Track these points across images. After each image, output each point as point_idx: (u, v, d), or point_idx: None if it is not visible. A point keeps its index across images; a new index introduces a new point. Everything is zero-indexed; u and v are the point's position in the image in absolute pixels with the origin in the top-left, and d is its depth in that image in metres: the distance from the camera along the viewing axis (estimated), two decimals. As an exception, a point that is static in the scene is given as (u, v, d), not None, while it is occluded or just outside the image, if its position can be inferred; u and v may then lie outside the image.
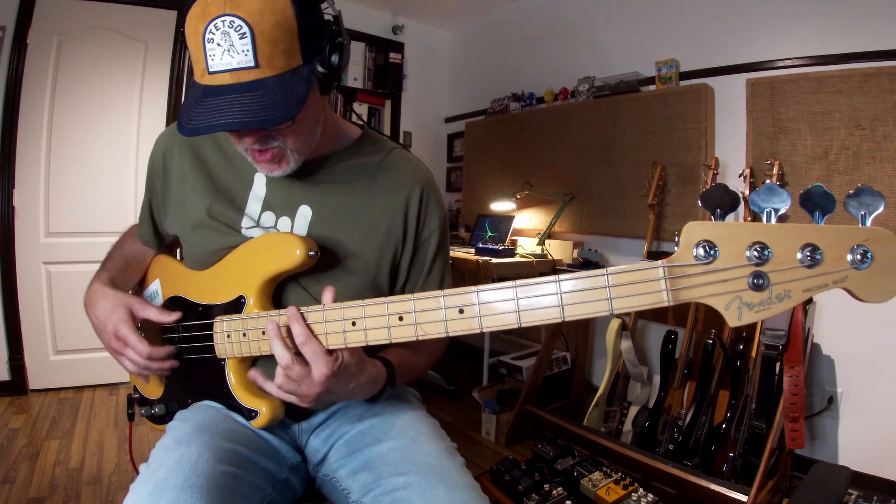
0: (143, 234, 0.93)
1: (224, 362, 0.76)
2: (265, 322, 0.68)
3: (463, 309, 0.55)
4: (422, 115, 3.68)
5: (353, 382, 0.67)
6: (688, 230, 0.47)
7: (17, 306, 2.41)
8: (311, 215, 0.79)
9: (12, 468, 1.79)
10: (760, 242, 0.44)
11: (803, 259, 0.44)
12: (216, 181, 0.81)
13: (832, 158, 1.83)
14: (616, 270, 0.48)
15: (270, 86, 0.61)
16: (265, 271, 0.73)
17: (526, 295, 0.52)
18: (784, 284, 0.44)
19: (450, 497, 0.64)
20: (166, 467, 0.60)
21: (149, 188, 0.88)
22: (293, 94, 0.62)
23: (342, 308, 0.62)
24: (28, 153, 2.39)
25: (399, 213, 0.81)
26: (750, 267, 0.45)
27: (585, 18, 2.78)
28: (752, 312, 0.45)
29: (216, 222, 0.79)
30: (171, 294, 0.86)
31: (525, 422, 2.18)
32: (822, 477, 1.21)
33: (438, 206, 0.86)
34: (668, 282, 0.47)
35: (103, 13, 2.49)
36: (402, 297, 0.59)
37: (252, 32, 0.59)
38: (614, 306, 0.48)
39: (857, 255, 0.43)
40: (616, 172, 2.53)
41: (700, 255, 0.46)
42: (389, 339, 0.60)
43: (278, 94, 0.61)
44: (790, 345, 1.48)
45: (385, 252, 0.81)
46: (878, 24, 1.75)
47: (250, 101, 0.60)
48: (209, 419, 0.72)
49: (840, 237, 0.43)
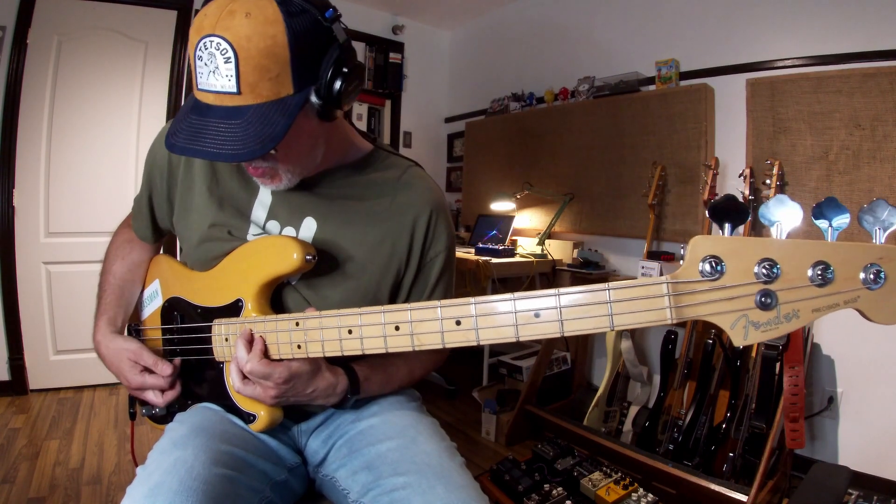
0: (139, 229, 0.91)
1: (223, 365, 0.76)
2: (262, 326, 0.68)
3: (460, 321, 0.54)
4: (422, 115, 3.68)
5: (309, 388, 0.70)
6: (694, 244, 0.45)
7: (17, 306, 2.41)
8: (315, 227, 0.78)
9: (12, 468, 1.79)
10: (770, 259, 0.42)
11: (814, 278, 0.42)
12: (222, 185, 0.80)
13: (832, 158, 1.83)
14: (619, 286, 0.47)
15: (250, 116, 0.59)
16: (262, 275, 0.73)
17: (525, 308, 0.51)
18: (793, 304, 0.42)
19: (449, 497, 0.64)
20: (162, 470, 0.60)
21: (147, 182, 0.86)
22: (271, 127, 0.59)
23: (338, 316, 0.62)
24: (28, 153, 2.39)
25: (405, 233, 0.80)
26: (758, 285, 0.43)
27: (585, 18, 2.78)
28: (759, 332, 0.43)
29: (219, 232, 0.78)
30: (170, 295, 0.86)
31: (525, 422, 2.18)
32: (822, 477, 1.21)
33: (447, 227, 0.85)
34: (671, 298, 0.45)
35: (103, 13, 2.49)
36: (399, 305, 0.58)
37: (237, 58, 0.57)
38: (615, 322, 0.47)
39: (869, 274, 0.41)
40: (616, 172, 2.53)
41: (706, 271, 0.44)
42: (386, 348, 0.59)
43: (256, 126, 0.58)
44: (790, 345, 1.48)
45: (388, 269, 0.80)
46: (878, 24, 1.75)
47: (225, 131, 0.58)
48: (206, 421, 0.72)
49: (853, 255, 0.41)
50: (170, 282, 0.87)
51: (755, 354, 1.68)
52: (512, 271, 2.50)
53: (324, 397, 0.71)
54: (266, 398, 0.68)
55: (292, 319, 0.66)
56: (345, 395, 0.73)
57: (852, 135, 1.79)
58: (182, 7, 2.62)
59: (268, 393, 0.68)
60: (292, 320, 0.66)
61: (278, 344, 0.67)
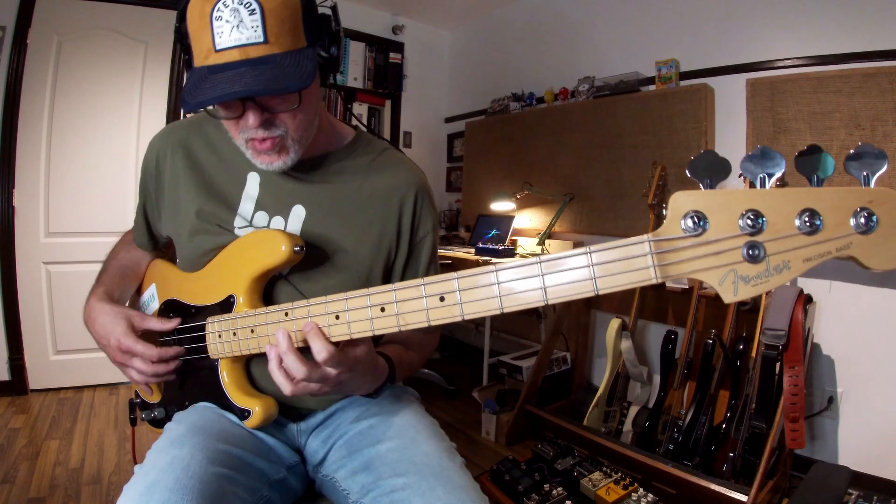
0: (137, 237, 0.93)
1: (217, 362, 0.76)
2: (253, 321, 0.68)
3: (444, 296, 0.53)
4: (422, 115, 3.67)
5: (368, 375, 0.68)
6: (674, 200, 0.43)
7: (17, 306, 2.41)
8: (304, 215, 0.79)
9: (12, 468, 1.79)
10: (754, 210, 0.41)
11: (801, 226, 0.40)
12: (208, 181, 0.81)
13: (832, 158, 1.83)
14: (600, 248, 0.46)
15: (279, 60, 0.62)
16: (253, 269, 0.73)
17: (508, 278, 0.50)
18: (782, 254, 0.41)
19: (449, 497, 0.64)
20: (158, 469, 0.60)
21: (142, 191, 0.88)
22: (303, 68, 0.63)
23: (325, 302, 0.62)
24: (28, 153, 2.39)
25: (393, 215, 0.82)
26: (744, 237, 0.41)
27: (585, 18, 2.78)
28: (749, 286, 0.42)
29: (208, 224, 0.79)
30: (166, 298, 0.86)
31: (525, 422, 2.18)
32: (822, 477, 1.21)
33: (432, 207, 0.87)
34: (654, 257, 0.43)
35: (103, 13, 2.49)
36: (383, 287, 0.58)
37: (262, 8, 0.61)
38: (598, 286, 0.46)
39: (860, 218, 0.39)
40: (616, 172, 2.53)
41: (689, 227, 0.42)
42: (372, 330, 0.59)
43: (288, 67, 0.62)
44: (790, 345, 1.48)
45: (379, 252, 0.81)
46: (878, 24, 1.75)
47: (261, 73, 0.61)
48: (203, 420, 0.72)
49: (841, 200, 0.40)
50: (165, 284, 0.88)
51: (755, 354, 1.68)
52: (512, 271, 2.49)
53: (369, 385, 0.70)
54: (321, 391, 0.64)
55: (281, 310, 0.66)
56: (384, 382, 0.73)
57: (852, 135, 1.79)
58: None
59: (323, 389, 0.64)
60: (281, 311, 0.66)
61: (269, 336, 0.67)
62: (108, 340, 0.79)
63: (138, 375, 0.79)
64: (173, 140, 0.83)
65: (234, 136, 0.71)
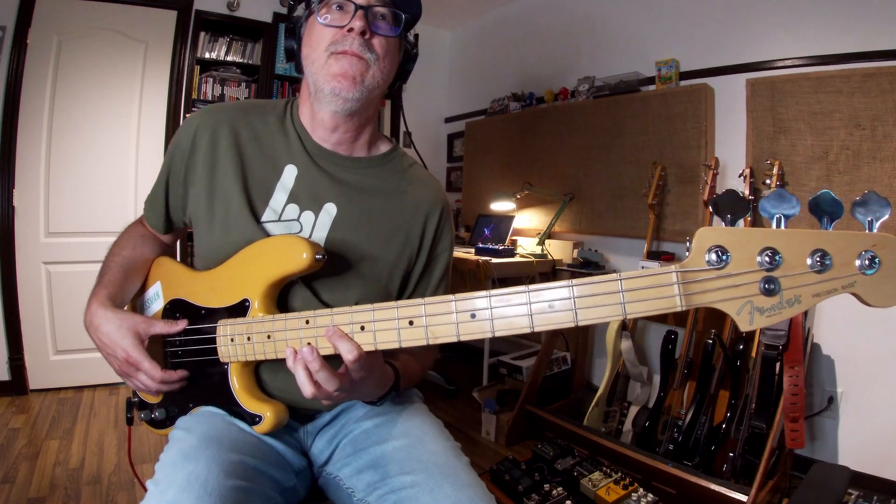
0: (152, 216, 0.90)
1: (227, 366, 0.75)
2: (270, 325, 0.68)
3: (475, 313, 0.56)
4: (422, 115, 3.68)
5: (378, 381, 0.69)
6: (700, 236, 0.47)
7: (17, 306, 2.41)
8: (335, 213, 0.79)
9: (12, 468, 1.79)
10: (771, 248, 0.45)
11: (813, 264, 0.44)
12: (247, 167, 0.80)
13: (832, 158, 1.83)
14: (629, 275, 0.49)
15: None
16: (270, 274, 0.72)
17: (539, 300, 0.52)
18: (794, 289, 0.45)
19: (457, 495, 0.65)
20: (176, 487, 0.58)
21: (168, 166, 0.84)
22: (412, 15, 0.78)
23: (351, 312, 0.62)
24: (28, 153, 2.39)
25: (418, 226, 0.85)
26: (761, 272, 0.45)
27: (585, 18, 2.78)
28: (764, 317, 0.46)
29: (237, 210, 0.77)
30: (172, 297, 0.85)
31: (525, 422, 2.18)
32: (822, 477, 1.21)
33: (451, 226, 0.91)
34: (681, 287, 0.47)
35: (103, 13, 2.49)
36: (412, 300, 0.59)
37: None
38: (628, 311, 0.49)
39: (864, 260, 0.44)
40: (616, 172, 2.53)
41: (712, 261, 0.46)
42: (399, 342, 0.59)
43: (402, 4, 0.76)
44: (790, 345, 1.48)
45: (401, 258, 0.83)
46: (878, 24, 1.75)
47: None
48: (215, 429, 0.71)
49: (848, 243, 0.44)
50: (172, 283, 0.86)
51: (755, 354, 1.68)
52: (512, 271, 2.50)
53: (372, 392, 0.71)
54: (339, 398, 0.65)
55: (302, 318, 0.66)
56: (388, 391, 0.73)
57: (852, 135, 1.79)
58: (182, 7, 2.62)
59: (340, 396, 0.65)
60: (302, 318, 0.66)
61: (287, 342, 0.67)
62: (113, 351, 0.76)
63: (141, 386, 0.77)
64: (217, 120, 0.81)
65: (320, 51, 0.75)
